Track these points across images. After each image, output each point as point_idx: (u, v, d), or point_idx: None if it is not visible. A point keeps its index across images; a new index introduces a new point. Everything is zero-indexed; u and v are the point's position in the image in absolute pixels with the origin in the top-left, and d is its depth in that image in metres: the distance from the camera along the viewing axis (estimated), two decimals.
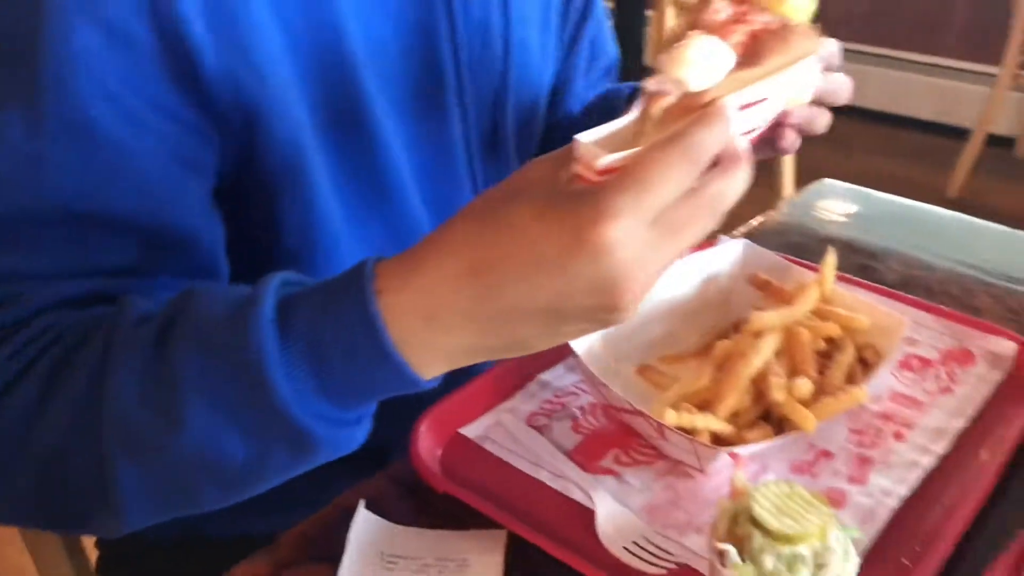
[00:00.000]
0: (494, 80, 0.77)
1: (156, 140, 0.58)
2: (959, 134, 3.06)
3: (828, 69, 0.65)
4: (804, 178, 2.75)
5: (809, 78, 0.55)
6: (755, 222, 0.98)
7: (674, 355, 0.72)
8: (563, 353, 0.69)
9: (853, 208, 1.02)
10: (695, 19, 0.50)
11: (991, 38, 3.06)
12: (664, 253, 0.46)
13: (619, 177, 0.45)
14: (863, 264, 0.89)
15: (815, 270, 0.74)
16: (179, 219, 0.60)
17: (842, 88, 0.68)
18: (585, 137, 0.47)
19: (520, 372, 0.72)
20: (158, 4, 0.55)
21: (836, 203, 1.02)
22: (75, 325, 0.55)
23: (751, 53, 0.50)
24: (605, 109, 0.86)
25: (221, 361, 0.49)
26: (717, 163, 0.47)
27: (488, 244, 0.47)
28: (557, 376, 0.73)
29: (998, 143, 3.13)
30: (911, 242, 0.94)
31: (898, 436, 0.67)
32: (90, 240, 0.57)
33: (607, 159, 0.45)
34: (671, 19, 2.54)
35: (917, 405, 0.70)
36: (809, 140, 0.70)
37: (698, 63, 0.47)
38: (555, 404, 0.71)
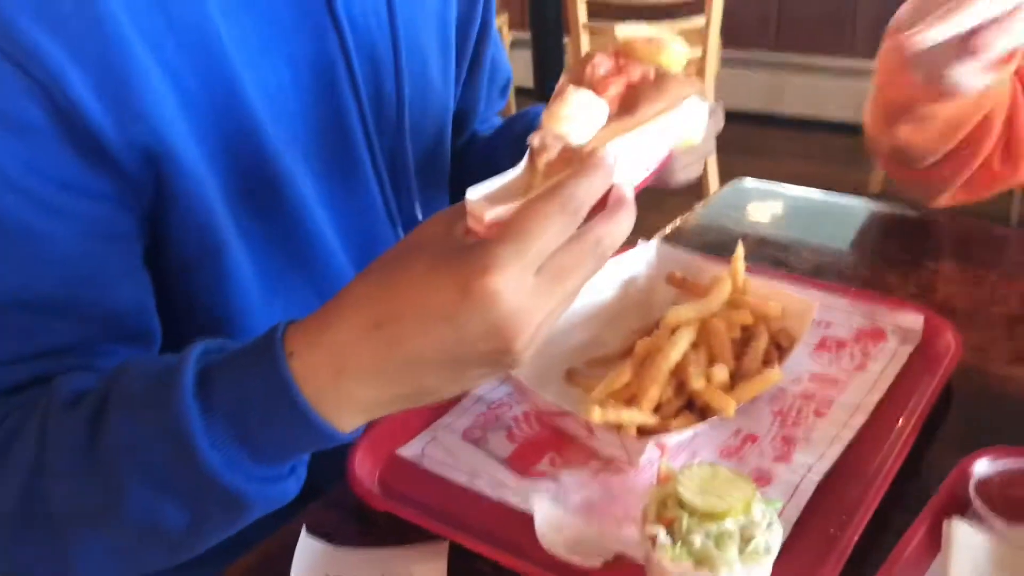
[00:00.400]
0: (392, 115, 0.77)
1: (71, 221, 0.59)
2: None
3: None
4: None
5: (694, 120, 0.58)
6: (675, 224, 1.01)
7: (600, 358, 0.75)
8: None
9: (767, 204, 1.06)
10: (578, 74, 0.54)
11: None
12: (551, 297, 0.49)
13: (503, 229, 0.48)
14: (777, 256, 0.93)
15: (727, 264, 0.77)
16: (107, 293, 0.62)
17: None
18: (475, 192, 0.50)
19: None
20: (49, 89, 0.56)
21: (750, 201, 1.06)
22: (11, 413, 0.57)
23: (629, 103, 0.53)
24: (518, 133, 0.89)
25: (151, 437, 0.52)
26: (602, 208, 0.50)
27: (387, 299, 0.50)
28: (489, 389, 0.75)
29: None
30: (823, 232, 0.98)
31: (818, 414, 0.70)
32: (19, 327, 0.59)
33: (494, 212, 0.49)
34: (586, 45, 2.60)
35: (835, 383, 0.73)
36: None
37: (575, 118, 0.51)
38: (489, 416, 0.72)
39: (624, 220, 0.51)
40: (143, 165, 0.61)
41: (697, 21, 2.55)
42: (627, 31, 0.58)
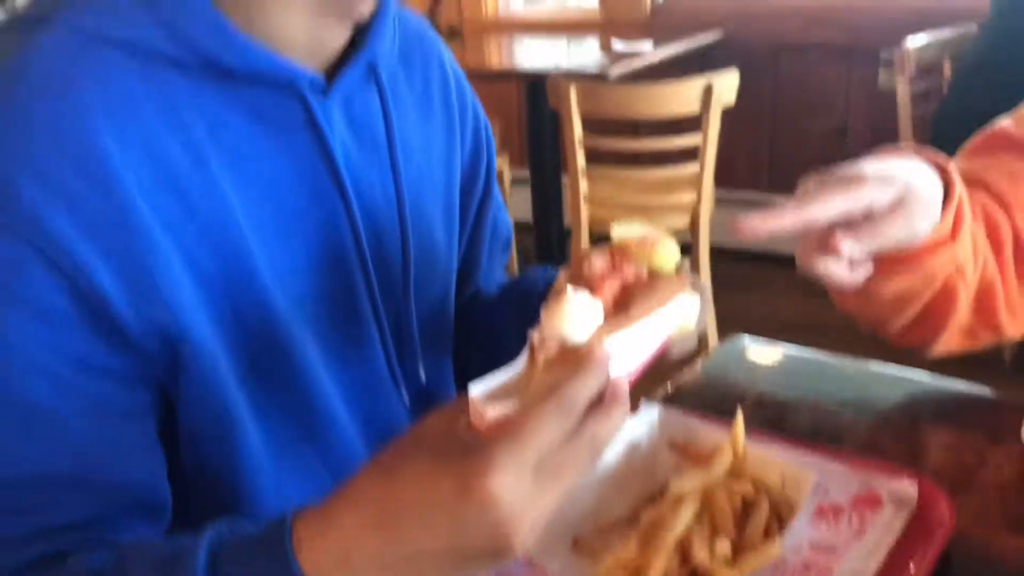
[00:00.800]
0: (397, 282, 0.81)
1: (89, 400, 0.63)
2: None
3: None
4: (727, 323, 2.87)
5: (687, 311, 0.64)
6: (676, 381, 1.04)
7: (606, 524, 0.76)
8: None
9: (764, 361, 1.09)
10: (575, 272, 0.59)
11: None
12: (548, 494, 0.53)
13: (502, 430, 0.52)
14: (775, 416, 0.96)
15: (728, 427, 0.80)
16: (122, 468, 0.65)
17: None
18: (477, 388, 0.55)
19: None
20: (76, 279, 0.61)
21: (748, 358, 1.10)
22: None
23: (623, 302, 0.59)
24: (521, 295, 0.93)
25: None
26: (598, 403, 0.55)
27: (390, 494, 0.53)
28: None
29: None
30: (820, 390, 1.01)
31: None
32: (36, 503, 0.62)
33: (494, 411, 0.53)
34: (584, 187, 2.70)
35: (833, 551, 0.75)
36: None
37: (573, 318, 0.56)
38: None
39: (618, 416, 0.55)
40: (160, 345, 0.65)
41: (692, 168, 2.65)
42: (622, 231, 0.63)
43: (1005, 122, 1.05)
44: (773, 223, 0.68)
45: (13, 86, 0.62)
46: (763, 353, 1.11)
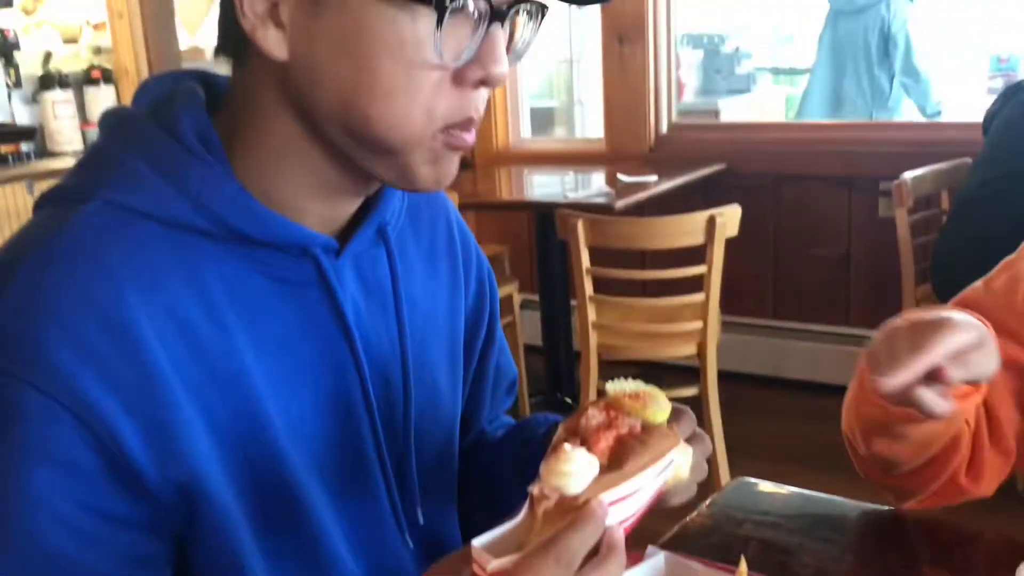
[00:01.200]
0: (399, 428, 0.85)
1: (109, 548, 0.66)
2: None
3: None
4: (737, 446, 2.86)
5: (681, 460, 0.68)
6: (682, 523, 1.06)
7: None
8: None
9: (771, 502, 1.11)
10: (573, 424, 0.63)
11: (887, 307, 3.34)
12: None
13: None
14: (780, 561, 0.97)
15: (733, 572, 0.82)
16: None
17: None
18: (479, 541, 0.59)
19: None
20: (102, 437, 0.65)
21: (753, 501, 1.12)
22: None
23: (618, 455, 0.62)
24: (523, 442, 0.96)
25: None
26: (594, 554, 0.58)
27: None
28: None
29: None
30: (821, 535, 1.03)
31: None
32: None
33: (496, 563, 0.56)
34: (592, 315, 2.75)
35: None
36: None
37: (570, 473, 0.60)
38: None
39: (614, 566, 0.59)
40: (177, 497, 0.69)
41: (698, 297, 2.71)
42: (616, 386, 0.68)
43: (978, 284, 1.10)
44: (909, 374, 0.79)
45: (53, 254, 0.68)
46: (769, 494, 1.13)
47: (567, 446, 0.62)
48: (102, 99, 4.17)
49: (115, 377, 0.65)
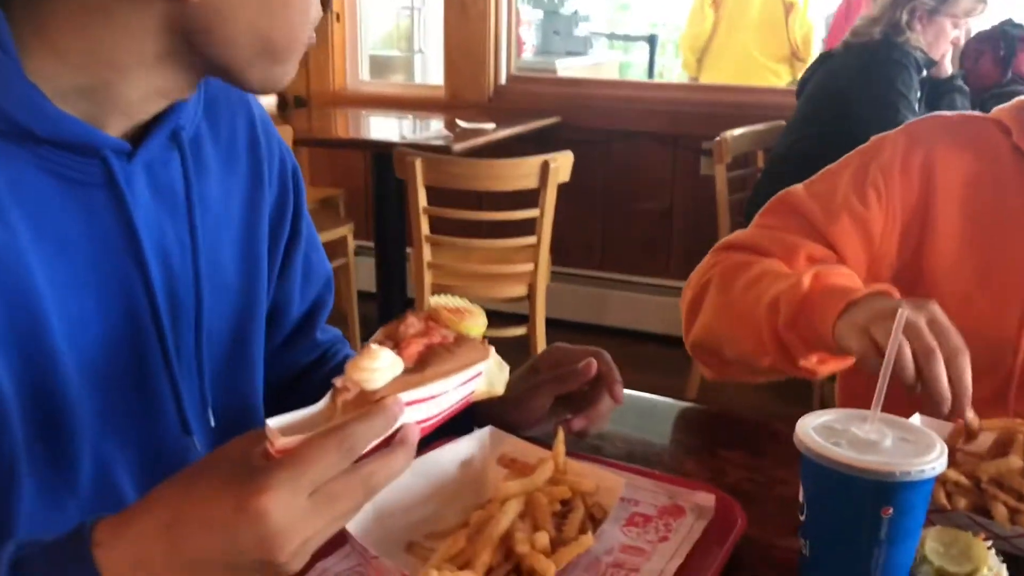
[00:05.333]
0: (190, 331, 0.86)
1: None
2: None
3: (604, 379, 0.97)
4: None
5: (494, 377, 0.73)
6: None
7: (438, 532, 0.82)
8: (339, 542, 0.77)
9: None
10: (392, 330, 0.68)
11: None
12: (319, 519, 0.60)
13: (285, 456, 0.59)
14: (593, 444, 1.05)
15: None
16: None
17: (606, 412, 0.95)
18: (275, 421, 0.61)
19: None
20: None
21: None
22: None
23: (425, 360, 0.67)
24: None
25: None
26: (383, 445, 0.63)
27: (181, 504, 0.60)
28: (335, 563, 0.81)
29: None
30: (634, 425, 1.12)
31: None
32: None
33: (284, 441, 0.60)
34: (428, 255, 2.78)
35: (642, 553, 0.84)
36: None
37: (372, 369, 0.64)
38: None
39: (399, 459, 0.63)
40: None
41: (530, 240, 2.79)
42: (439, 299, 0.72)
43: (798, 187, 1.22)
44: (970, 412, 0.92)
45: None
46: None
47: (374, 345, 0.66)
48: None
49: None
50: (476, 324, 0.71)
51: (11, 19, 0.71)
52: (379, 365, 0.64)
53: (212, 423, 0.88)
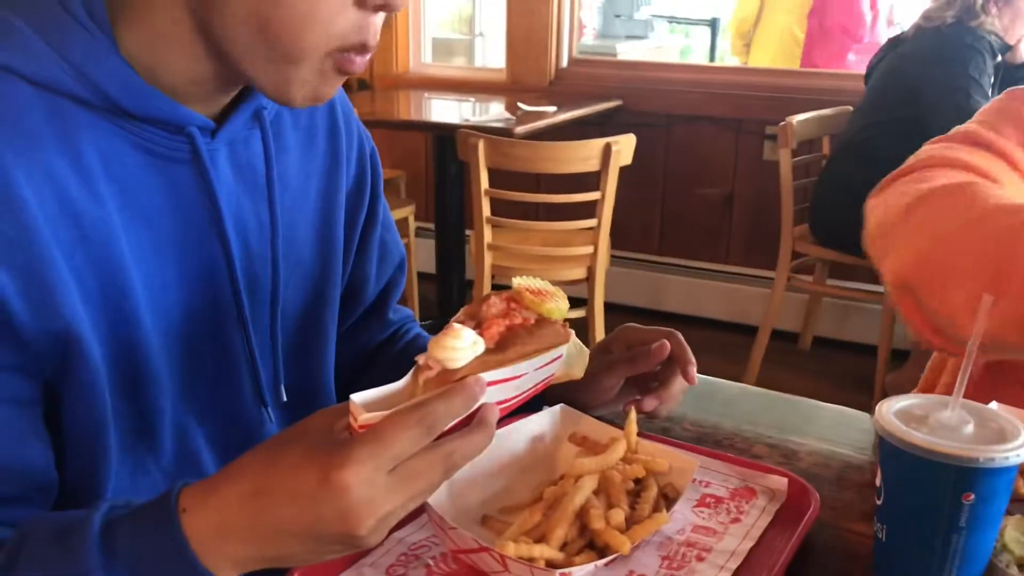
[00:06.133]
0: (266, 305, 0.88)
1: None
2: (751, 331, 3.44)
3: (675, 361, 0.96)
4: None
5: (575, 360, 0.74)
6: None
7: (511, 506, 0.84)
8: (416, 513, 0.79)
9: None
10: (474, 310, 0.69)
11: (766, 247, 3.51)
12: (399, 495, 0.61)
13: (368, 432, 0.60)
14: (663, 427, 1.05)
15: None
16: (20, 451, 0.70)
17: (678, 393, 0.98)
18: (358, 397, 0.63)
19: None
20: None
21: None
22: None
23: (506, 341, 0.67)
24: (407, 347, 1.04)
25: None
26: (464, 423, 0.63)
27: (266, 474, 0.61)
28: (411, 533, 0.83)
29: (783, 337, 3.52)
30: (701, 408, 1.11)
31: (699, 558, 0.80)
32: None
33: (367, 416, 0.61)
34: (488, 236, 2.80)
35: (713, 533, 0.84)
36: None
37: (455, 348, 0.65)
38: (410, 556, 0.80)
39: (479, 439, 0.64)
40: (51, 347, 0.71)
41: (590, 223, 2.79)
42: (522, 281, 0.72)
43: (971, 126, 1.06)
44: None
45: None
46: None
47: (456, 324, 0.67)
48: None
49: None
50: (558, 307, 0.71)
51: None
52: (461, 344, 0.65)
53: (284, 398, 0.90)
